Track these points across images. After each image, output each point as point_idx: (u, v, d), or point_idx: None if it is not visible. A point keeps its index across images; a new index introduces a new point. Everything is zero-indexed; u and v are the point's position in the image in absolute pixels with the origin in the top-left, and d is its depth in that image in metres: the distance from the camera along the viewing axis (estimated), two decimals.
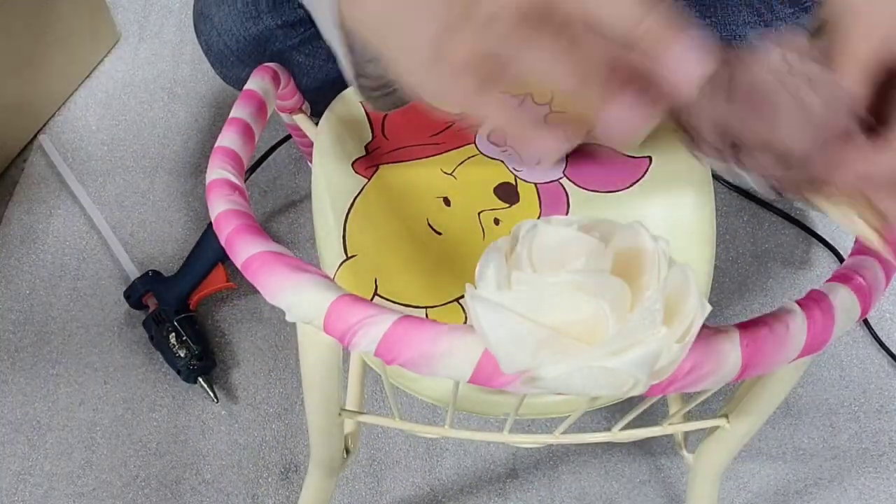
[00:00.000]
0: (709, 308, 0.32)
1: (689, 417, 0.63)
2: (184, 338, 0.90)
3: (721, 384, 0.40)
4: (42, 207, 1.06)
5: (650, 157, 0.62)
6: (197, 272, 0.95)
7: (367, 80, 0.47)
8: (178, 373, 0.90)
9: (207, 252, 0.96)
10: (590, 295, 0.31)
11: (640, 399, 0.43)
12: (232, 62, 0.75)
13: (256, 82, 0.57)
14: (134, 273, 0.97)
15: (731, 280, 1.00)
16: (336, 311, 0.37)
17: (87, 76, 1.18)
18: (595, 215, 0.35)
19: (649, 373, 0.32)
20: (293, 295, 0.38)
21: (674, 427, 0.53)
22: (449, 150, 0.63)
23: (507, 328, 0.31)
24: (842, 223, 0.35)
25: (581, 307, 0.31)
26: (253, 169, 1.06)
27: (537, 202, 0.61)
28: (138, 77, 1.18)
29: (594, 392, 0.32)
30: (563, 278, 0.31)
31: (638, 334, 0.31)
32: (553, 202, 0.61)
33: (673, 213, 0.60)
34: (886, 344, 0.95)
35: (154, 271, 0.96)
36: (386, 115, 0.64)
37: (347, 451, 0.65)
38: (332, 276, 0.52)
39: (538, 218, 0.35)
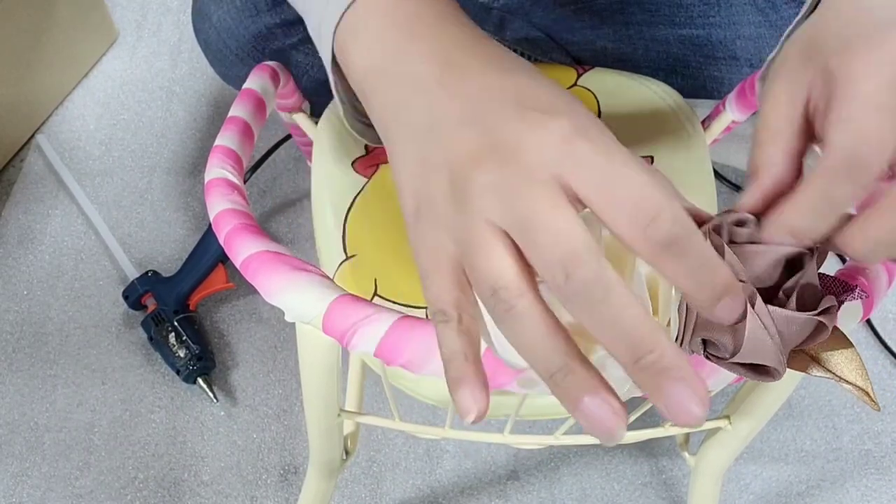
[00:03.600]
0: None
1: None
2: (184, 338, 0.90)
3: (722, 385, 0.39)
4: (39, 207, 1.05)
5: (652, 157, 0.62)
6: (197, 272, 0.95)
7: (357, 111, 0.46)
8: (178, 373, 0.90)
9: (208, 252, 0.96)
10: None
11: (641, 400, 0.42)
12: (231, 61, 0.75)
13: (255, 81, 0.56)
14: (132, 273, 0.97)
15: None
16: (335, 311, 0.36)
17: (85, 75, 1.17)
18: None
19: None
20: (292, 295, 0.37)
21: (675, 428, 0.53)
22: None
23: None
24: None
25: None
26: (253, 169, 1.06)
27: None
28: (136, 76, 1.18)
29: None
30: None
31: None
32: None
33: None
34: (889, 345, 0.95)
35: (153, 271, 0.96)
36: None
37: (347, 453, 0.65)
38: (331, 276, 0.52)
39: None
